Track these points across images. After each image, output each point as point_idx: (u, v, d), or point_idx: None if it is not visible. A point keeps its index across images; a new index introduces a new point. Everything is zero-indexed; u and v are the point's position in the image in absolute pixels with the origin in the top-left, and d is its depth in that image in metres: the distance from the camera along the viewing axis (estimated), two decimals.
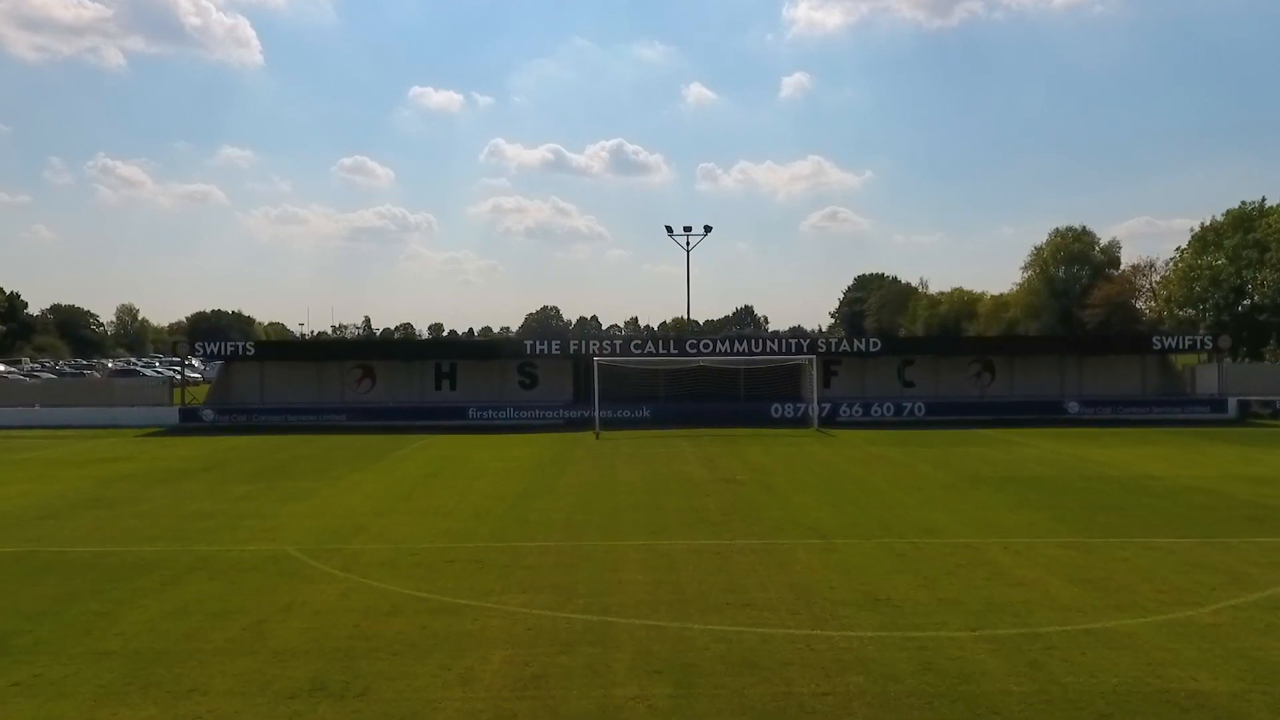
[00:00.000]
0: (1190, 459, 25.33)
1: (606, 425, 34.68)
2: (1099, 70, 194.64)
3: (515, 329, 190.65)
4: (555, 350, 40.39)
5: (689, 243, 60.54)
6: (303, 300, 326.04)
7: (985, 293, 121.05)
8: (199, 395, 43.11)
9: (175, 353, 51.92)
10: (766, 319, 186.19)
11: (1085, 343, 54.12)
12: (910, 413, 38.50)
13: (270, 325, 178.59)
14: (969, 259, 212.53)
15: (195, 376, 60.65)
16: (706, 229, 60.54)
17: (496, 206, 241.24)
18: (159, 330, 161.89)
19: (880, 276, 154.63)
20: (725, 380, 39.54)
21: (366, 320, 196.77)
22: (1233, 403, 38.66)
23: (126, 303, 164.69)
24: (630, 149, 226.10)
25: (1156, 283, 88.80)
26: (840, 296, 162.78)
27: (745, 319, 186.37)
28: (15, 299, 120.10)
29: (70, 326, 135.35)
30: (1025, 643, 9.71)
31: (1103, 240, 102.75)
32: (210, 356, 43.31)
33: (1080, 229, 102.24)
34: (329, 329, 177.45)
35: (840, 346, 41.94)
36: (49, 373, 73.76)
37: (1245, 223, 72.84)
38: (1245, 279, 71.28)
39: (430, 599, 11.61)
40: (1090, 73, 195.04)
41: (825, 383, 39.14)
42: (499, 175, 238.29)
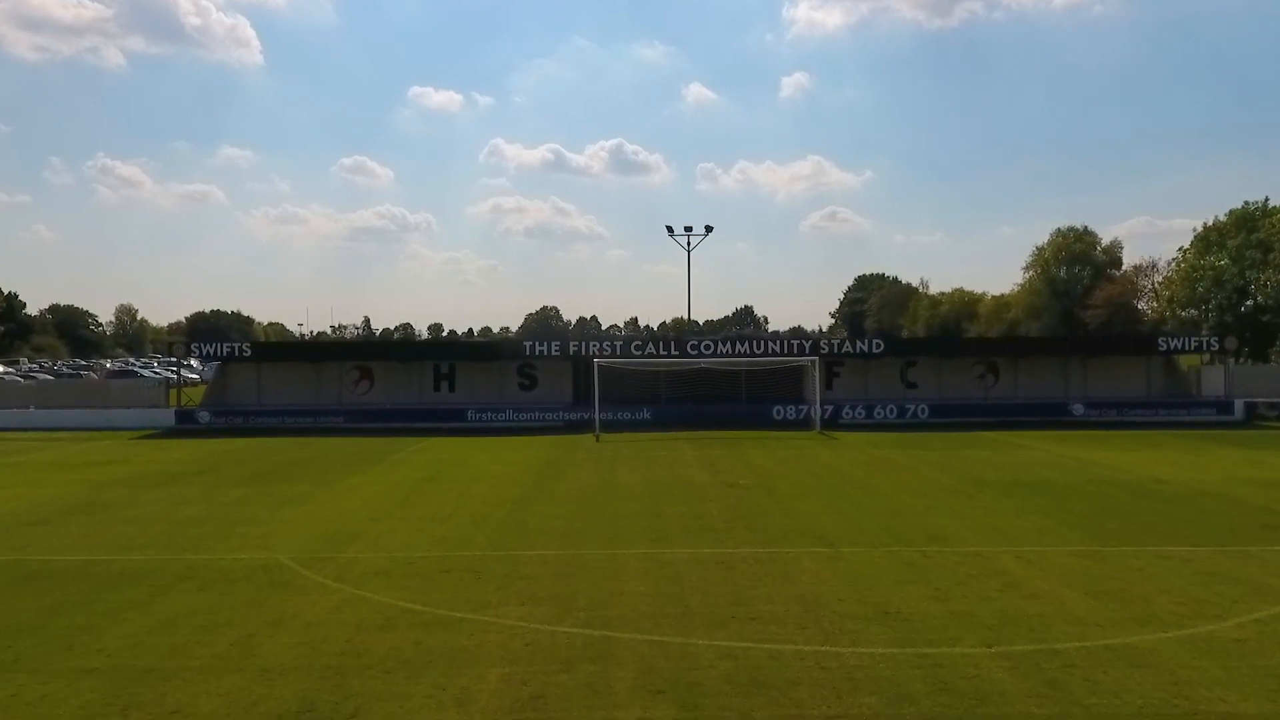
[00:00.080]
0: (1199, 462, 24.96)
1: (606, 427, 34.31)
2: (1099, 70, 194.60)
3: (515, 329, 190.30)
4: (555, 351, 39.97)
5: (689, 243, 60.27)
6: (302, 300, 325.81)
7: (986, 293, 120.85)
8: (196, 397, 42.70)
9: (171, 353, 51.59)
10: (766, 319, 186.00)
11: (1090, 344, 53.63)
12: (913, 415, 38.13)
13: (270, 325, 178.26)
14: (969, 259, 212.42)
15: (193, 377, 60.33)
16: (708, 229, 60.26)
17: (496, 206, 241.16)
18: (158, 330, 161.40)
19: (881, 277, 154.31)
20: (726, 382, 39.14)
21: (366, 320, 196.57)
22: (1239, 405, 38.26)
23: (125, 303, 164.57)
24: (630, 149, 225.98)
25: (1159, 283, 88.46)
26: (840, 297, 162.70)
27: (745, 319, 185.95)
28: (13, 299, 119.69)
29: (69, 326, 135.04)
30: (1043, 660, 9.35)
31: (1104, 240, 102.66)
32: (206, 357, 42.90)
33: (1082, 229, 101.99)
34: (328, 329, 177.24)
35: (843, 348, 41.48)
36: (47, 373, 73.43)
37: (1248, 223, 72.51)
38: (1248, 279, 70.94)
39: (425, 612, 11.24)
40: (1090, 73, 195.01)
41: (827, 384, 38.72)
42: (499, 175, 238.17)
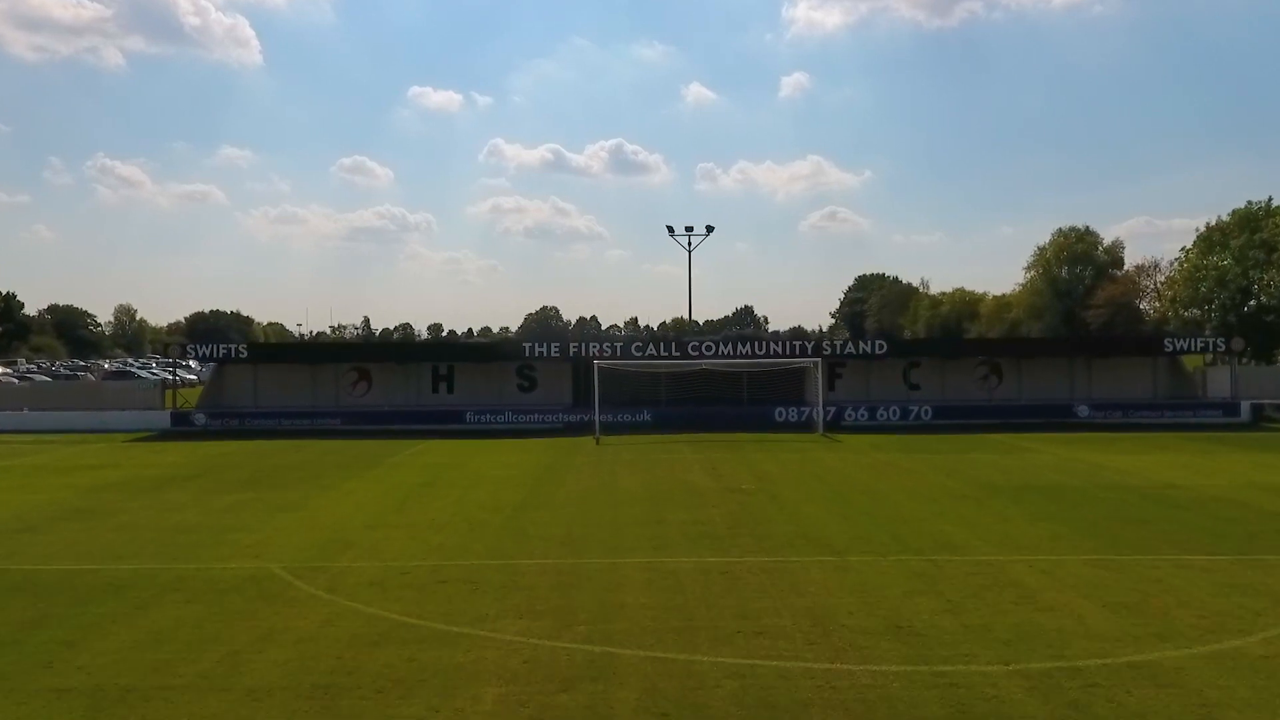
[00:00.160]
0: (1209, 466, 24.57)
1: (607, 429, 33.92)
2: (1098, 70, 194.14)
3: (515, 329, 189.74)
4: (555, 353, 39.59)
5: (690, 243, 59.87)
6: (302, 300, 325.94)
7: (987, 293, 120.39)
8: (193, 398, 42.27)
9: (166, 354, 51.17)
10: (766, 319, 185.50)
11: (1094, 344, 53.29)
12: (917, 416, 37.76)
13: (269, 325, 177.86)
14: (968, 259, 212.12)
15: (192, 378, 59.93)
16: (708, 229, 59.86)
17: (496, 206, 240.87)
18: (157, 330, 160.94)
19: (881, 277, 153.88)
20: (728, 383, 38.79)
21: (365, 320, 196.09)
22: (1245, 406, 37.89)
23: (124, 303, 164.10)
24: (630, 149, 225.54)
25: (1161, 283, 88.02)
26: (841, 296, 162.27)
27: (745, 319, 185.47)
28: (11, 299, 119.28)
29: (68, 327, 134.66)
30: (1064, 678, 8.94)
31: (1105, 240, 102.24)
32: (203, 359, 42.54)
33: (1084, 229, 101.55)
34: (327, 329, 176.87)
35: (845, 349, 41.10)
36: (44, 374, 73.06)
37: (1252, 223, 72.05)
38: (1252, 279, 70.50)
39: (420, 626, 10.85)
40: (1089, 73, 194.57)
41: (830, 385, 38.32)
42: (498, 175, 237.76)
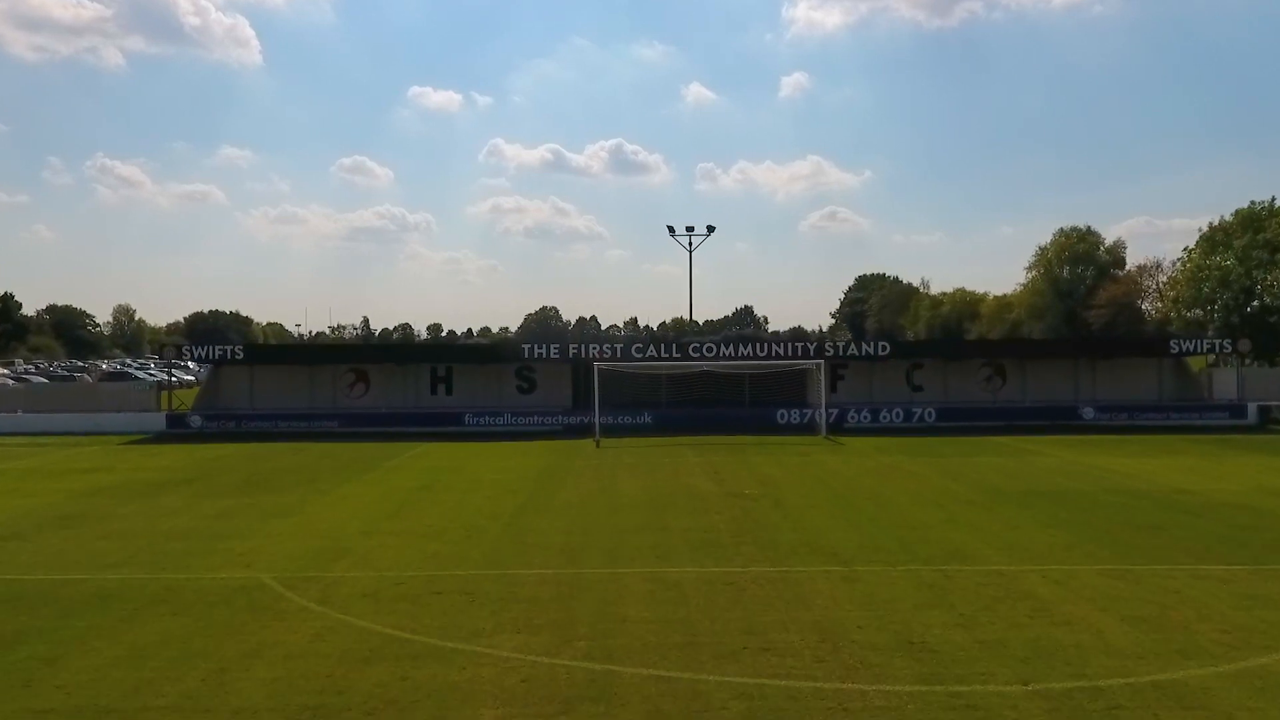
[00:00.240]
0: (1219, 470, 24.18)
1: (607, 432, 33.54)
2: (1098, 70, 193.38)
3: (514, 329, 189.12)
4: (554, 354, 39.20)
5: (691, 243, 59.49)
6: (301, 300, 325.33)
7: (988, 293, 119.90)
8: (189, 400, 41.86)
9: (162, 356, 50.75)
10: (766, 319, 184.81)
11: (1099, 346, 52.90)
12: (920, 418, 37.38)
13: (268, 326, 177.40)
14: (968, 259, 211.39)
15: (191, 379, 59.53)
16: (710, 229, 59.55)
17: (496, 206, 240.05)
18: (156, 331, 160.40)
19: (882, 277, 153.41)
20: (729, 385, 38.42)
21: (365, 320, 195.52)
22: (1252, 408, 37.51)
23: (124, 303, 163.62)
24: (629, 149, 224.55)
25: (1163, 283, 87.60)
26: (841, 296, 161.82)
27: (745, 319, 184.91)
28: (9, 299, 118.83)
29: (66, 327, 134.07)
30: (1086, 700, 8.55)
31: (1107, 240, 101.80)
32: (199, 360, 42.14)
33: (1085, 229, 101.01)
34: (327, 329, 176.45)
35: (848, 350, 40.69)
36: (40, 374, 72.63)
37: (1255, 223, 71.69)
38: (1255, 280, 70.12)
39: (414, 641, 10.46)
40: (1089, 73, 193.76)
41: (832, 387, 37.92)
42: (498, 175, 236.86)
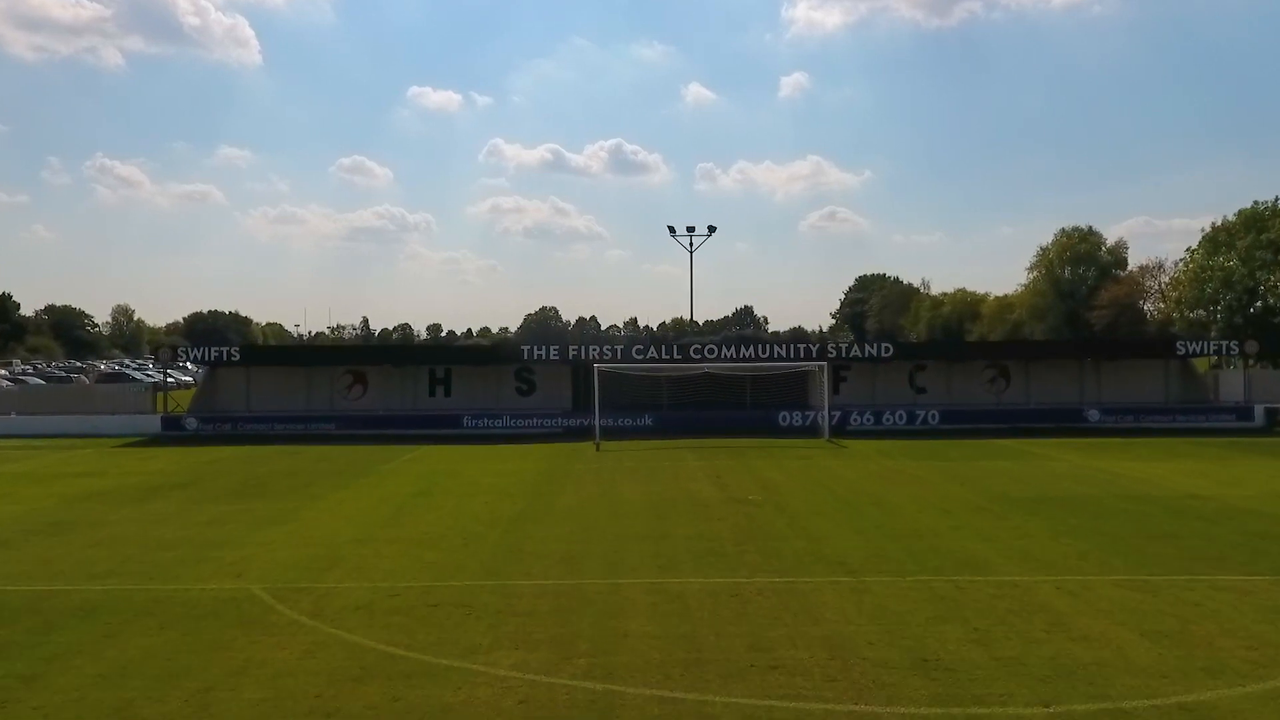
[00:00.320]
0: (1230, 475, 23.77)
1: (607, 434, 33.14)
2: (1098, 70, 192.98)
3: (514, 329, 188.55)
4: (554, 356, 38.80)
5: (691, 243, 59.11)
6: (301, 301, 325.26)
7: (989, 294, 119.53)
8: (184, 401, 41.42)
9: (158, 357, 50.29)
10: (766, 319, 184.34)
11: (1104, 347, 52.51)
12: (923, 421, 36.98)
13: (268, 326, 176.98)
14: (968, 259, 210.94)
15: (189, 380, 59.03)
16: (710, 229, 59.18)
17: (495, 206, 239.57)
18: (155, 331, 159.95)
19: (882, 277, 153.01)
20: (730, 387, 37.95)
21: (364, 321, 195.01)
22: (1259, 410, 37.11)
23: (122, 303, 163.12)
24: (629, 149, 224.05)
25: (1165, 284, 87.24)
26: (841, 297, 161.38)
27: (745, 319, 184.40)
28: (7, 300, 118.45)
29: (65, 327, 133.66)
30: None
31: (1108, 241, 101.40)
32: (195, 361, 41.72)
33: (1086, 229, 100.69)
34: (326, 330, 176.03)
35: (850, 352, 40.28)
36: (37, 375, 72.18)
37: (1258, 223, 71.36)
38: (1258, 280, 69.78)
39: (407, 658, 10.06)
40: (1089, 73, 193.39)
41: (834, 389, 37.45)
42: (498, 175, 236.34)
